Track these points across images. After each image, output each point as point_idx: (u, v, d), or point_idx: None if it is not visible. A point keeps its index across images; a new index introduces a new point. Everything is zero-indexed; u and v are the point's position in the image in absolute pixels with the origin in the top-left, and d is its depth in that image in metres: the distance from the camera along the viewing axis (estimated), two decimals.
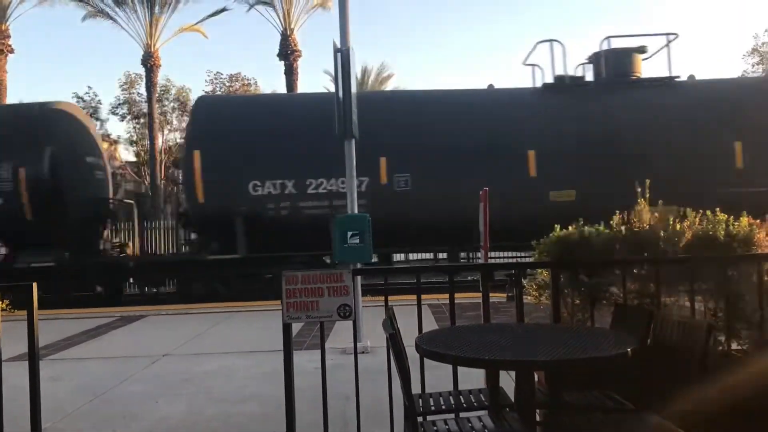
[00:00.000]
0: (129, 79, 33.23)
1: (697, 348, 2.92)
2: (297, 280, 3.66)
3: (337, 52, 7.24)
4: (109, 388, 5.89)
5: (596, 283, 4.13)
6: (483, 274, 4.26)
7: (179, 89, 34.01)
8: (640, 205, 4.31)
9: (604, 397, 3.45)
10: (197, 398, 5.47)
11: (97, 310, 11.70)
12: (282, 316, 3.67)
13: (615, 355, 2.80)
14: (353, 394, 3.90)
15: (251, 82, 33.99)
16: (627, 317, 3.58)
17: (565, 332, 3.35)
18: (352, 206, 7.27)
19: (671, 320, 3.22)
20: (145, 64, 29.09)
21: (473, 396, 3.56)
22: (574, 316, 4.16)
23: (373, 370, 5.30)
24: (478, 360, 2.91)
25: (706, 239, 4.17)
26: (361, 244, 6.54)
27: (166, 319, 10.36)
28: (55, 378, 6.26)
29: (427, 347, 3.03)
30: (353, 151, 7.43)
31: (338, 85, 7.28)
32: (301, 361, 5.18)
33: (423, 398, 3.56)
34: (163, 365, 6.83)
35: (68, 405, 5.35)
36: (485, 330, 3.50)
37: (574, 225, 4.35)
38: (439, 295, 9.94)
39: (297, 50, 28.72)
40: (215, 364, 6.75)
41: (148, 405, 5.32)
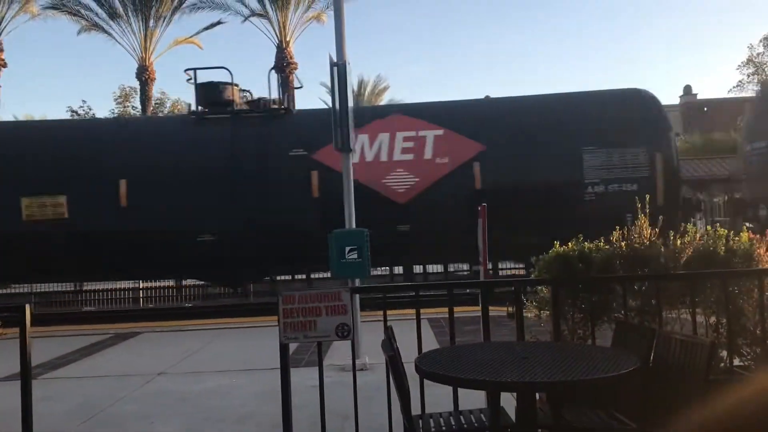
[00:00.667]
0: (123, 92, 33.22)
1: (700, 366, 2.88)
2: (294, 299, 3.61)
3: (334, 66, 7.23)
4: (104, 408, 5.81)
5: (597, 299, 4.09)
6: (483, 291, 4.22)
7: (174, 102, 34.00)
8: (640, 221, 4.28)
9: (606, 416, 3.41)
10: (194, 418, 5.40)
11: (90, 327, 11.60)
12: (279, 337, 3.61)
13: (617, 375, 2.76)
14: (352, 413, 3.85)
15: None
16: (628, 335, 3.55)
17: (566, 351, 3.30)
18: (350, 220, 7.22)
19: (673, 338, 3.18)
20: (140, 78, 29.08)
21: (474, 416, 3.51)
22: (575, 333, 4.12)
23: (372, 387, 5.24)
24: (479, 381, 2.87)
25: (706, 255, 4.14)
26: (359, 260, 6.49)
27: (160, 336, 10.27)
28: (48, 398, 6.17)
29: (427, 369, 2.99)
30: (350, 164, 7.40)
31: (335, 98, 7.26)
32: (298, 379, 5.12)
33: (423, 419, 3.51)
34: (159, 384, 6.75)
35: (62, 426, 5.27)
36: (486, 349, 3.46)
37: (573, 241, 4.32)
38: (438, 309, 9.87)
39: (293, 63, 28.73)
40: (211, 382, 6.67)
41: (144, 426, 5.24)
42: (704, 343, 2.92)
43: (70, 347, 9.22)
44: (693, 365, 2.94)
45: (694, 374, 2.91)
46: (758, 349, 3.90)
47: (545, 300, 4.22)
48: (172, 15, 29.02)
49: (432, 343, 7.48)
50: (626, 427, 3.24)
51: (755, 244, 4.16)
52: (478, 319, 4.24)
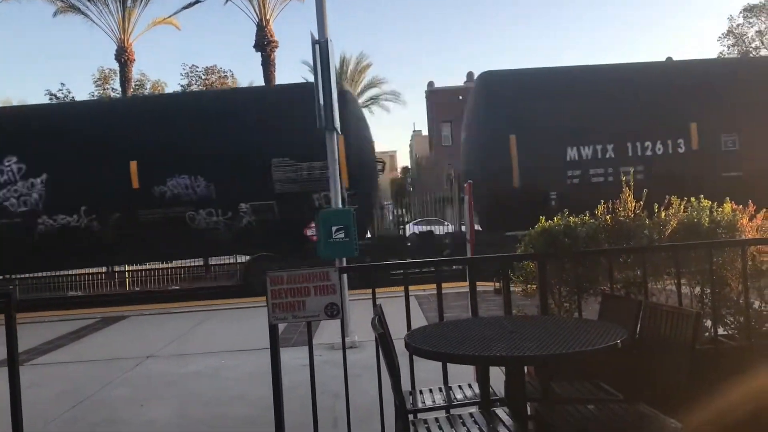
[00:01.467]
0: (103, 74, 32.79)
1: (686, 336, 2.92)
2: (282, 280, 3.60)
3: (315, 44, 7.15)
4: (93, 393, 5.80)
5: (583, 273, 4.12)
6: (470, 268, 4.23)
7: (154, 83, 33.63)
8: (625, 194, 4.30)
9: (594, 387, 3.45)
10: (183, 401, 5.40)
11: (77, 312, 11.55)
12: (268, 317, 3.61)
13: (605, 347, 2.79)
14: (342, 392, 3.86)
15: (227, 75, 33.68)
16: (615, 307, 3.58)
17: (553, 325, 3.33)
18: (336, 200, 7.21)
19: (659, 309, 3.21)
20: (119, 59, 28.67)
21: (463, 391, 3.54)
22: (562, 306, 4.15)
23: (361, 365, 5.28)
24: (468, 357, 2.88)
25: (690, 226, 4.18)
26: (346, 239, 6.49)
27: (148, 320, 10.25)
28: (36, 384, 6.15)
29: (416, 345, 3.00)
30: (335, 144, 7.36)
31: (317, 77, 7.18)
32: (288, 359, 5.14)
33: (413, 395, 3.53)
34: (147, 367, 6.74)
35: (51, 412, 5.25)
36: (473, 325, 3.47)
37: (558, 216, 4.34)
38: (424, 286, 9.92)
39: (273, 41, 28.41)
40: (200, 364, 6.67)
41: (133, 409, 5.24)
42: (690, 314, 2.95)
43: (57, 332, 9.18)
44: (679, 335, 2.97)
45: (680, 344, 2.95)
46: (742, 319, 3.95)
47: (532, 275, 4.25)
48: None
49: (420, 319, 7.52)
50: (614, 397, 3.28)
51: (738, 215, 4.20)
52: (465, 295, 4.27)
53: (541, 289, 3.93)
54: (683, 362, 2.89)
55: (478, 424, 3.02)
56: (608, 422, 2.95)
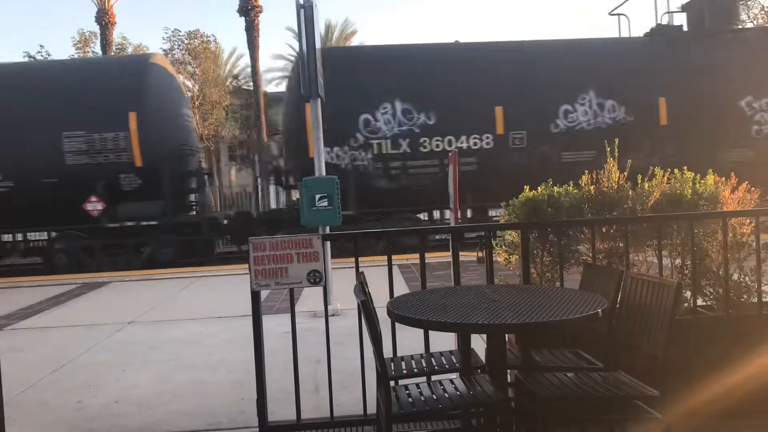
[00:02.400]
0: (83, 37, 32.06)
1: (667, 306, 2.94)
2: (265, 246, 3.58)
3: (300, 9, 7.04)
4: (74, 357, 5.78)
5: (565, 243, 4.14)
6: (453, 236, 4.23)
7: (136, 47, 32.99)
8: (609, 165, 4.30)
9: (574, 356, 3.49)
10: (165, 366, 5.40)
11: (58, 277, 11.48)
12: (250, 284, 3.59)
13: (586, 316, 2.81)
14: (324, 358, 3.88)
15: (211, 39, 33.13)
16: (596, 277, 3.60)
17: (535, 293, 3.34)
18: (320, 168, 7.17)
19: (640, 280, 3.24)
20: (100, 22, 28.13)
21: (445, 358, 3.56)
22: (544, 276, 4.17)
23: (343, 332, 5.30)
24: (449, 324, 2.89)
25: (673, 198, 4.19)
26: (330, 208, 6.46)
27: (130, 286, 10.21)
28: (16, 348, 6.12)
29: (398, 312, 3.00)
30: (319, 111, 7.29)
31: (302, 42, 7.09)
32: (270, 326, 5.14)
33: (395, 362, 3.55)
34: (129, 333, 6.73)
35: (31, 376, 5.24)
36: (456, 293, 3.48)
37: (543, 186, 4.34)
38: (408, 256, 9.95)
39: (258, 6, 27.95)
40: (182, 330, 6.67)
41: (115, 374, 5.23)
42: (671, 284, 2.97)
43: (38, 297, 9.13)
44: (659, 306, 2.99)
45: (660, 314, 2.97)
46: (720, 290, 3.99)
47: (514, 244, 4.26)
48: None
49: (403, 288, 7.56)
50: (594, 366, 3.32)
51: (721, 187, 4.22)
52: (448, 265, 4.27)
53: (524, 259, 3.94)
54: (662, 332, 2.92)
55: (458, 391, 3.04)
56: (587, 389, 2.98)
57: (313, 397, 4.36)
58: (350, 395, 4.19)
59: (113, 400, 4.62)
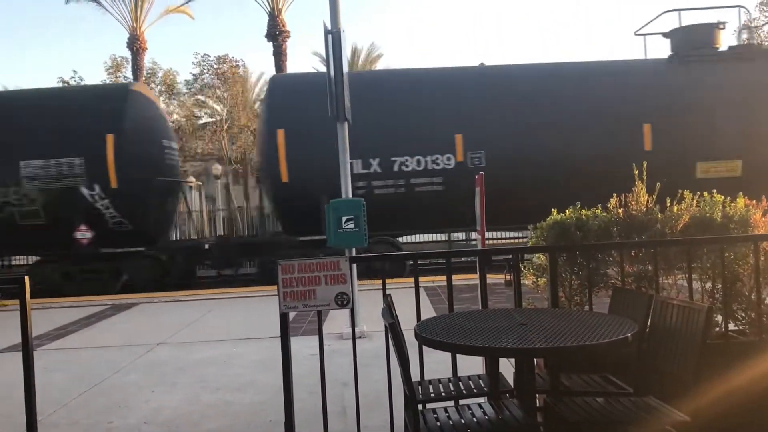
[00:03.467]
0: (115, 62, 32.77)
1: (697, 331, 2.91)
2: (293, 268, 3.61)
3: (328, 34, 7.14)
4: (104, 378, 5.85)
5: (594, 266, 4.11)
6: (481, 259, 4.23)
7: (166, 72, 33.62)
8: (637, 188, 4.28)
9: (603, 381, 3.46)
10: (193, 387, 5.44)
11: (88, 299, 11.64)
12: (279, 306, 3.63)
13: (616, 340, 2.79)
14: (351, 381, 3.88)
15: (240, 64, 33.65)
16: (625, 301, 3.57)
17: (564, 317, 3.33)
18: (347, 190, 7.21)
19: (670, 304, 3.21)
20: (131, 47, 28.77)
21: (473, 382, 3.55)
22: (572, 299, 4.15)
23: (370, 355, 5.30)
24: (477, 348, 2.89)
25: (703, 221, 4.16)
26: (356, 230, 6.49)
27: (158, 307, 10.32)
28: (48, 369, 6.21)
29: (426, 335, 3.01)
30: (346, 134, 7.36)
31: (329, 67, 7.18)
32: (297, 347, 5.17)
33: (422, 385, 3.55)
34: (158, 354, 6.79)
35: (63, 396, 5.31)
36: (484, 316, 3.48)
37: (570, 208, 4.33)
38: (434, 277, 9.95)
39: (285, 31, 28.39)
40: (210, 352, 6.72)
41: (144, 395, 5.29)
42: (701, 308, 2.94)
43: (69, 318, 9.26)
44: (690, 330, 2.96)
45: (690, 339, 2.94)
46: (753, 314, 3.94)
47: (542, 267, 4.25)
48: None
49: (429, 311, 7.54)
50: (623, 391, 3.28)
51: (751, 210, 4.18)
52: (474, 287, 4.27)
53: (552, 282, 3.93)
54: (693, 356, 2.89)
55: (487, 415, 3.03)
56: (617, 415, 2.95)
57: (341, 420, 4.35)
58: (378, 418, 4.19)
59: (143, 420, 4.66)
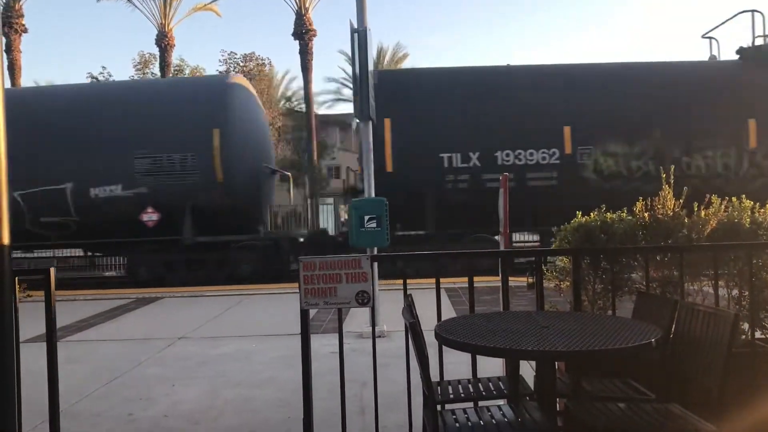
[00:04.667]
0: (143, 59, 33.18)
1: (723, 338, 2.86)
2: (315, 266, 3.62)
3: (354, 33, 7.15)
4: (126, 371, 5.92)
5: (618, 270, 4.06)
6: (503, 261, 4.20)
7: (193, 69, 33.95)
8: (664, 191, 4.22)
9: (625, 386, 3.41)
10: (213, 382, 5.48)
11: (112, 292, 11.78)
12: (299, 302, 3.63)
13: (639, 345, 2.75)
14: (370, 380, 3.87)
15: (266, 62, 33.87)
16: (650, 306, 3.52)
17: (586, 321, 3.29)
18: (369, 189, 7.22)
19: (696, 310, 3.16)
20: (159, 44, 29.08)
21: (492, 384, 3.52)
22: (595, 303, 4.10)
23: (389, 354, 5.29)
24: (498, 349, 2.86)
25: (731, 227, 4.09)
26: (378, 229, 6.49)
27: (181, 302, 10.41)
28: (72, 360, 6.30)
29: (446, 335, 2.99)
30: (370, 133, 7.37)
31: (355, 65, 7.19)
32: (317, 345, 5.17)
33: (441, 386, 3.53)
34: (179, 348, 6.85)
35: (85, 387, 5.38)
36: (505, 318, 3.45)
37: (595, 212, 4.28)
38: (455, 279, 9.91)
39: (312, 29, 28.52)
40: (231, 347, 6.76)
41: (165, 388, 5.33)
42: (727, 315, 2.89)
43: (93, 311, 9.38)
44: (715, 337, 2.91)
45: (716, 346, 2.89)
46: None
47: (566, 270, 4.21)
48: None
49: (449, 312, 7.52)
50: (646, 397, 3.24)
51: None
52: (496, 289, 4.24)
53: (575, 285, 3.89)
54: (718, 364, 2.84)
55: (506, 418, 3.00)
56: (639, 421, 2.91)
57: (359, 419, 4.35)
58: (396, 418, 4.18)
59: (163, 414, 4.70)
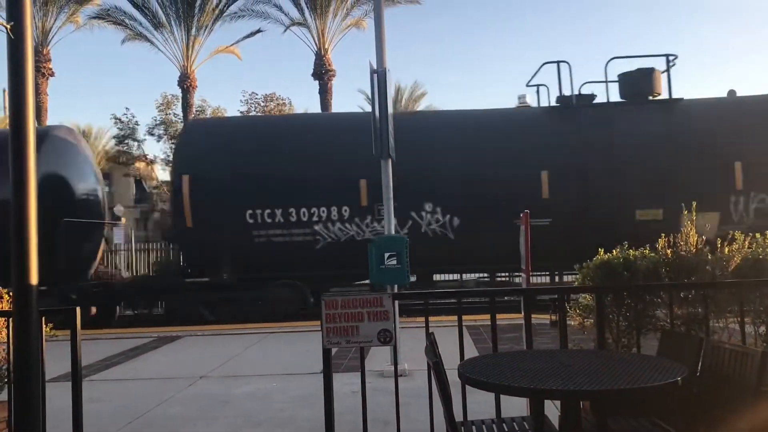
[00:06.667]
0: (165, 100, 33.78)
1: (751, 376, 2.82)
2: (337, 304, 3.63)
3: (374, 73, 7.26)
4: (148, 410, 5.92)
5: (642, 308, 4.03)
6: (525, 298, 4.19)
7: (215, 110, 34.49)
8: (687, 228, 4.20)
9: (651, 425, 3.36)
10: (235, 422, 5.46)
11: (133, 330, 11.83)
12: (322, 341, 3.64)
13: (665, 384, 2.72)
14: (392, 418, 3.86)
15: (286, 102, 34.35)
16: (675, 344, 3.49)
17: (611, 359, 3.26)
18: (389, 227, 7.24)
19: (722, 348, 3.12)
20: (182, 86, 29.64)
21: (517, 424, 3.48)
22: (619, 341, 4.07)
23: (411, 393, 5.25)
24: (522, 389, 2.85)
25: (755, 263, 4.05)
26: (398, 266, 6.50)
27: (201, 340, 10.42)
28: (95, 399, 6.31)
29: (470, 375, 2.98)
30: (390, 171, 7.42)
31: (375, 105, 7.28)
32: (338, 385, 5.14)
33: (465, 426, 3.50)
34: (201, 387, 6.85)
35: (108, 427, 5.38)
36: (529, 357, 3.43)
37: (618, 249, 4.27)
38: (476, 316, 9.83)
39: (331, 70, 28.97)
40: (252, 386, 6.74)
41: (187, 428, 5.32)
42: (755, 353, 2.85)
43: (115, 350, 9.42)
44: (743, 375, 2.87)
45: (743, 384, 2.85)
46: None
47: (589, 308, 4.18)
48: (214, 23, 29.51)
49: (471, 350, 7.45)
50: None
51: None
52: (518, 327, 4.22)
53: (599, 323, 3.86)
54: (746, 403, 2.80)
55: None
56: None
57: None
58: None
59: None
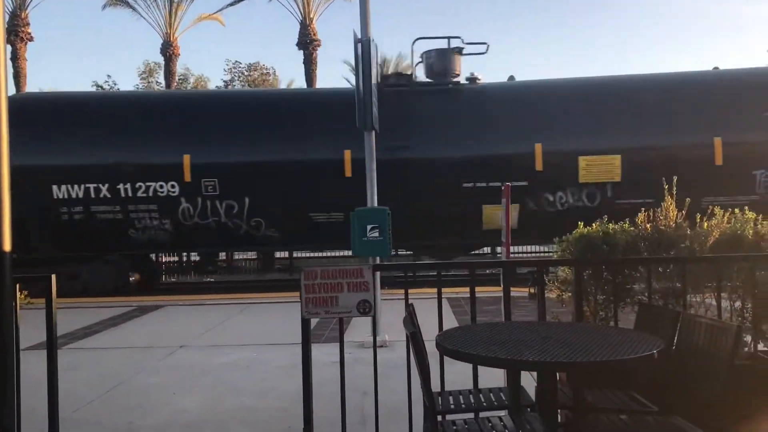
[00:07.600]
0: (148, 67, 33.41)
1: (725, 350, 2.85)
2: (316, 275, 3.62)
3: (358, 43, 7.18)
4: (127, 379, 5.91)
5: (620, 281, 4.06)
6: (505, 271, 4.19)
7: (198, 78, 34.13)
8: (666, 203, 4.22)
9: (627, 398, 3.39)
10: (214, 391, 5.46)
11: (114, 299, 11.77)
12: (301, 312, 3.63)
13: (641, 357, 2.73)
14: (371, 390, 3.87)
15: (270, 72, 34.02)
16: (652, 317, 3.51)
17: (588, 332, 3.28)
18: (372, 199, 7.22)
19: (698, 322, 3.15)
20: (164, 53, 29.22)
21: (493, 395, 3.51)
22: (597, 314, 4.09)
23: (390, 364, 5.27)
24: (499, 360, 2.85)
25: (733, 238, 4.08)
26: (380, 238, 6.48)
27: (182, 310, 10.39)
28: (72, 367, 6.28)
29: (448, 346, 2.98)
30: (373, 143, 7.37)
31: (359, 76, 7.21)
32: (318, 354, 5.16)
33: (443, 397, 3.51)
34: (180, 357, 6.84)
35: (86, 395, 5.36)
36: (507, 328, 3.44)
37: (597, 222, 4.28)
38: (457, 289, 9.90)
39: (316, 40, 28.66)
40: (232, 356, 6.74)
41: (165, 397, 5.32)
42: (730, 327, 2.88)
43: (94, 318, 9.37)
44: (718, 349, 2.90)
45: (718, 358, 2.88)
46: None
47: (567, 281, 4.20)
48: None
49: (452, 322, 7.49)
50: (648, 409, 3.22)
51: None
52: (498, 300, 4.23)
53: (577, 296, 3.88)
54: (720, 376, 2.83)
55: (507, 429, 2.99)
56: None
57: (360, 429, 4.33)
58: (397, 429, 4.16)
59: (163, 423, 4.69)
